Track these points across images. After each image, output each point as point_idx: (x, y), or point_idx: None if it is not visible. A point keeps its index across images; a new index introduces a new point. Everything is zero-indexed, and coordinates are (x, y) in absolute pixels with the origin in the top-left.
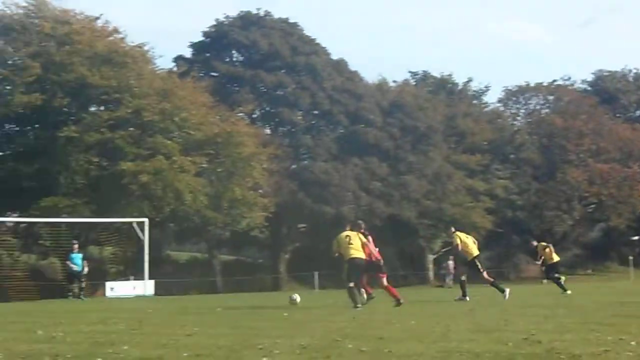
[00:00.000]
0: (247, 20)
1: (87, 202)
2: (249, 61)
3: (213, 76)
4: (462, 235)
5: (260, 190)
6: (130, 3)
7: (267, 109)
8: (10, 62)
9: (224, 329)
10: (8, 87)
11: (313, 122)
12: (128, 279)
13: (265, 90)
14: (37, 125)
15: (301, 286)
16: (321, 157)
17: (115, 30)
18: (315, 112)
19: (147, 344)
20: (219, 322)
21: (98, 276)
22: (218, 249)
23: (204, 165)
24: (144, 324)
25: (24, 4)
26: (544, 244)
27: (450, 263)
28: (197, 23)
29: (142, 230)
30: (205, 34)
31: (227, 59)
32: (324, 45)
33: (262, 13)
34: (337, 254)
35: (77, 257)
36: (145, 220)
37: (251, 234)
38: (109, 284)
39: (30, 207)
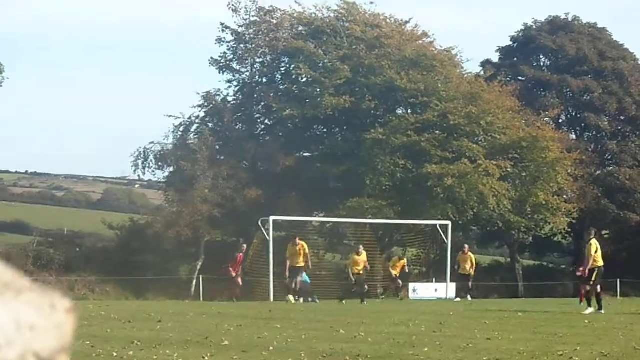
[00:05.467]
0: (555, 25)
1: (392, 203)
2: (556, 66)
3: (519, 80)
4: None
5: (564, 196)
6: (439, 8)
7: (573, 114)
8: (320, 64)
9: (525, 334)
10: (318, 90)
11: (619, 127)
12: (430, 281)
13: (571, 95)
14: (345, 127)
15: (603, 293)
16: (627, 163)
17: (425, 34)
18: (622, 117)
19: (447, 347)
20: (520, 327)
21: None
22: (520, 253)
23: (508, 170)
24: (445, 327)
25: (335, 8)
26: None
27: None
28: (505, 28)
29: (445, 233)
30: (512, 38)
31: (534, 64)
32: (632, 50)
33: (570, 18)
34: None
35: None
36: (449, 223)
37: (554, 240)
38: (411, 285)
39: (337, 207)
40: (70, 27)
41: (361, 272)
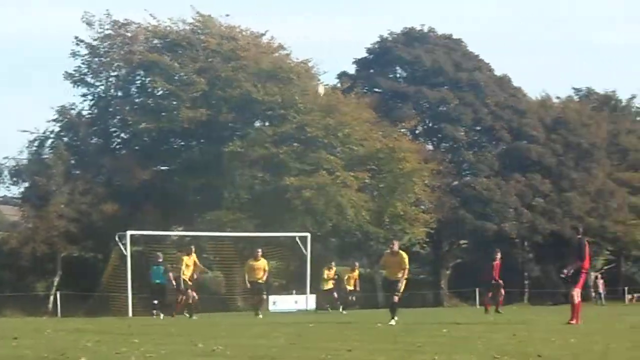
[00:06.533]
0: (410, 37)
1: (251, 216)
2: (412, 77)
3: (376, 92)
4: None
5: (422, 206)
6: (295, 20)
7: (430, 124)
8: (176, 77)
9: (385, 344)
10: (174, 102)
11: (475, 138)
12: (290, 293)
13: (428, 106)
14: (202, 140)
15: (462, 302)
16: (483, 173)
17: (281, 47)
18: (478, 128)
19: (306, 359)
20: (379, 338)
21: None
22: (379, 264)
23: (366, 181)
24: (304, 339)
25: (190, 21)
26: None
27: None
28: (361, 39)
29: (305, 245)
30: (369, 50)
31: (391, 75)
32: (487, 61)
33: (425, 29)
34: None
35: (159, 269)
36: (308, 234)
37: (412, 250)
38: (271, 298)
39: (195, 220)
40: None
41: (261, 281)
